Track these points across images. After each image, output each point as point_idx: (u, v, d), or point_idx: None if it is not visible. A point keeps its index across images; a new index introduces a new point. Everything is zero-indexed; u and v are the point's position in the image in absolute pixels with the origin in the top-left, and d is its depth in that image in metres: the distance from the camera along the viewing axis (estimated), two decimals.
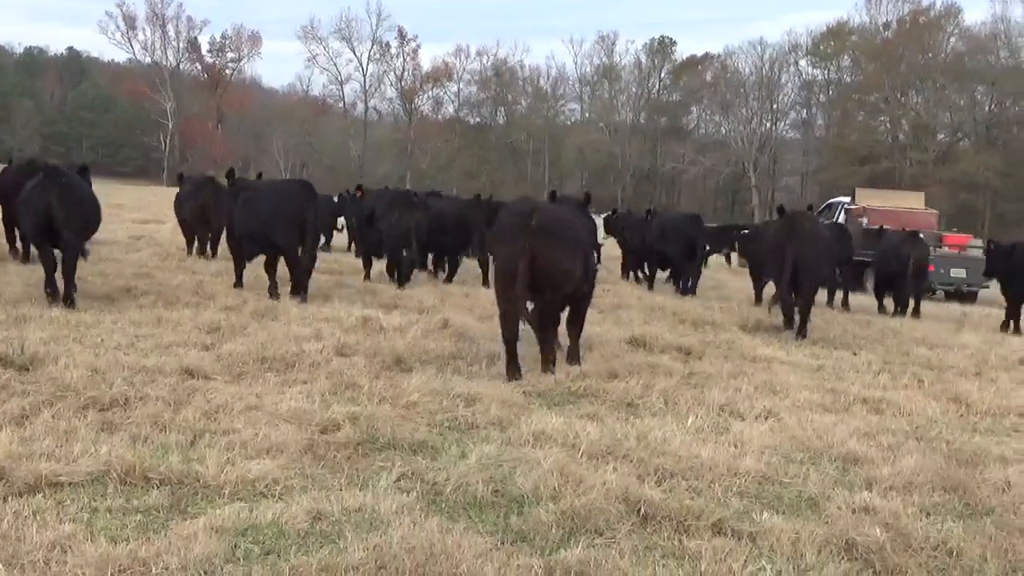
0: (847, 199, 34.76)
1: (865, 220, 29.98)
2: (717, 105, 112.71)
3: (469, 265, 21.15)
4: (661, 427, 8.22)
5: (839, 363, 12.88)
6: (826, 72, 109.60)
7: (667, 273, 23.18)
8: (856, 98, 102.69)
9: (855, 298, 22.96)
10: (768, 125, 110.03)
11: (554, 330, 11.18)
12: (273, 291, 14.80)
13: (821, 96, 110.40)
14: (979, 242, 28.49)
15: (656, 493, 6.46)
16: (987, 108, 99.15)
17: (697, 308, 16.69)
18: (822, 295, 19.39)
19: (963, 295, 29.47)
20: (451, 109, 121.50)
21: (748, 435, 8.25)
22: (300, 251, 14.89)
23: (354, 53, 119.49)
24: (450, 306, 14.99)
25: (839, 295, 21.97)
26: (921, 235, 22.57)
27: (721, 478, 7.02)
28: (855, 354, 13.79)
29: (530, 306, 10.48)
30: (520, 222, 10.15)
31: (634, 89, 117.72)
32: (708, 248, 27.04)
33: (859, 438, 8.54)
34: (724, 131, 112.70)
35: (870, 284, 24.46)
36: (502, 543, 5.58)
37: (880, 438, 8.64)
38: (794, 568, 5.55)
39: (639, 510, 6.16)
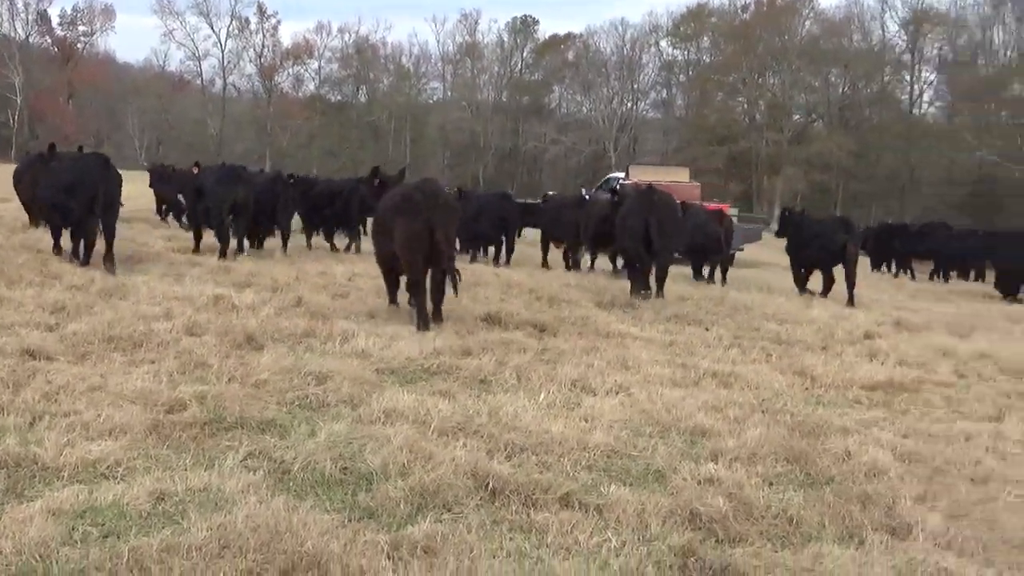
0: (623, 175, 38.09)
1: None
2: (579, 85, 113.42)
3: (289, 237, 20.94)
4: (513, 403, 8.28)
5: (691, 338, 13.08)
6: (686, 53, 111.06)
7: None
8: (715, 79, 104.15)
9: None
10: (629, 105, 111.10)
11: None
12: (76, 257, 15.32)
13: (681, 77, 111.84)
14: (735, 211, 29.91)
15: (505, 468, 6.51)
16: (841, 90, 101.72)
17: (553, 285, 16.78)
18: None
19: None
20: (312, 87, 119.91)
21: (599, 410, 8.36)
22: (94, 222, 15.16)
23: (212, 28, 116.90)
24: (305, 284, 14.84)
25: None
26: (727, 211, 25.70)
27: (571, 452, 7.10)
28: (707, 330, 14.02)
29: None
30: (425, 200, 12.13)
31: (496, 68, 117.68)
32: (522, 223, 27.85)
33: (707, 411, 8.72)
34: (585, 110, 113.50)
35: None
36: (349, 520, 5.58)
37: (728, 411, 8.84)
38: (639, 538, 5.64)
39: (488, 485, 6.20)
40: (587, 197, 26.31)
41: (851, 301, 19.77)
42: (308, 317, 11.82)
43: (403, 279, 13.13)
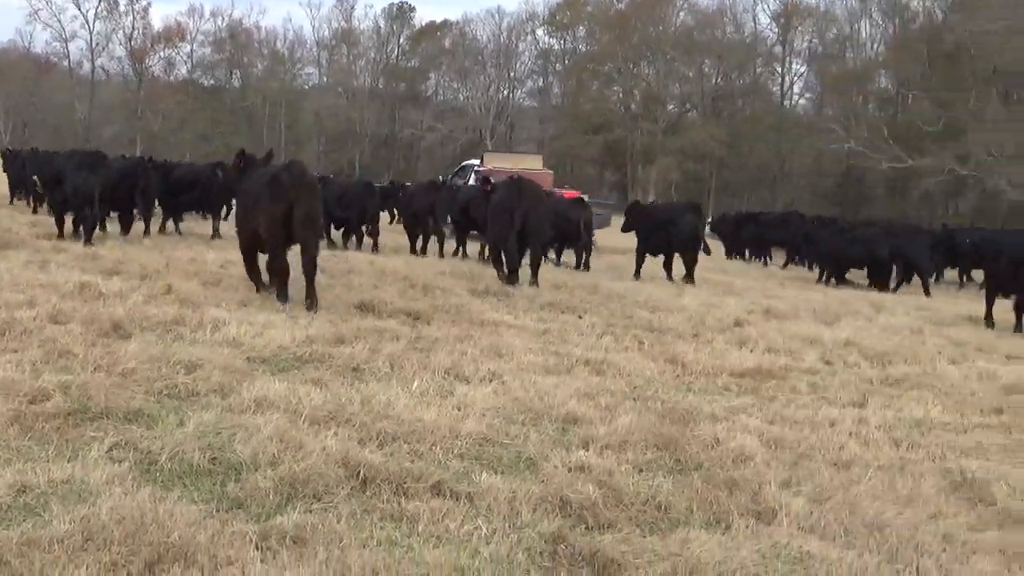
0: (478, 161, 39.79)
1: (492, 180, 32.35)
2: (455, 72, 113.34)
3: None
4: (386, 391, 8.25)
5: (565, 326, 13.18)
6: (562, 42, 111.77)
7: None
8: (591, 68, 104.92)
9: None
10: (505, 93, 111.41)
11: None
12: None
13: (557, 65, 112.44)
14: (586, 197, 30.83)
15: (377, 456, 6.49)
16: (714, 81, 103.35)
17: (428, 273, 16.77)
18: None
19: None
20: (184, 71, 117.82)
21: (472, 398, 8.38)
22: None
23: (79, 9, 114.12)
24: (175, 271, 14.59)
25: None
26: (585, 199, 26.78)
27: (443, 440, 7.10)
28: (580, 318, 14.15)
29: None
30: (291, 182, 12.64)
31: (372, 54, 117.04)
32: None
33: (579, 399, 8.79)
34: (462, 98, 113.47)
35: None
36: (217, 511, 5.51)
37: (600, 398, 8.93)
38: (510, 526, 5.67)
39: (359, 474, 6.17)
40: (442, 183, 27.33)
41: (691, 278, 21.58)
42: (178, 305, 11.60)
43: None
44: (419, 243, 23.95)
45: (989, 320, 18.15)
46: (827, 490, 6.75)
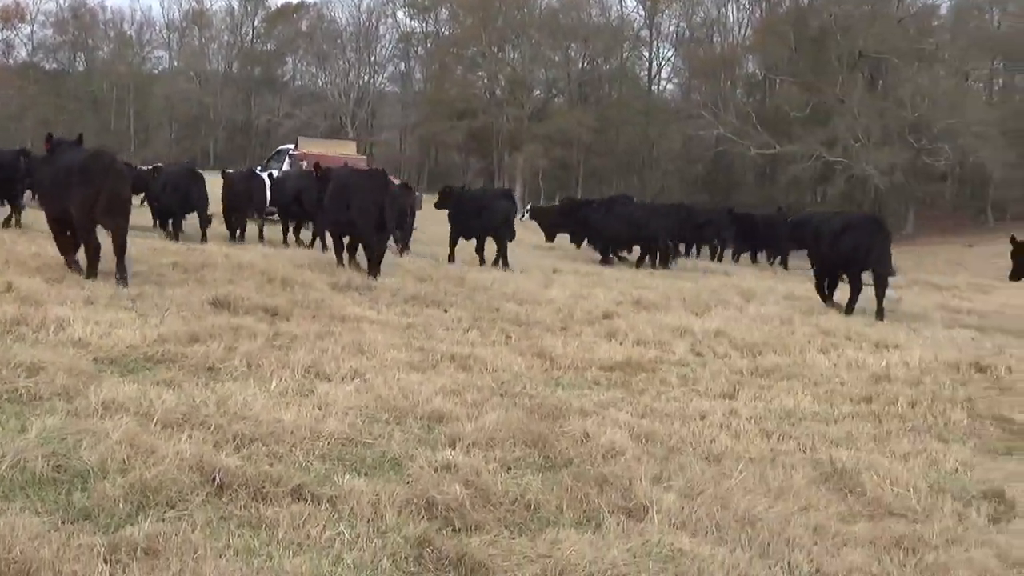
0: (292, 146, 41.60)
1: (305, 164, 33.75)
2: (313, 56, 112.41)
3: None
4: (243, 391, 8.14)
5: (429, 320, 13.18)
6: (424, 24, 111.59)
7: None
8: (454, 52, 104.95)
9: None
10: (366, 78, 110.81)
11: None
12: None
13: (420, 49, 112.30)
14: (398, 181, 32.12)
15: (234, 460, 6.39)
16: (581, 65, 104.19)
17: (287, 266, 16.59)
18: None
19: None
20: (24, 53, 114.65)
21: (333, 396, 8.32)
22: None
23: None
24: (15, 267, 14.17)
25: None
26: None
27: (303, 442, 7.03)
28: (446, 311, 14.14)
29: None
30: (98, 167, 13.75)
31: (226, 37, 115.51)
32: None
33: (445, 395, 8.79)
34: (321, 83, 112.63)
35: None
36: (62, 522, 5.36)
37: (466, 395, 8.94)
38: (374, 530, 5.64)
39: (214, 479, 6.07)
40: (259, 171, 28.95)
41: (505, 263, 23.05)
42: (18, 303, 11.23)
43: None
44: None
45: (829, 301, 19.32)
46: (698, 484, 6.85)
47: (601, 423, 8.26)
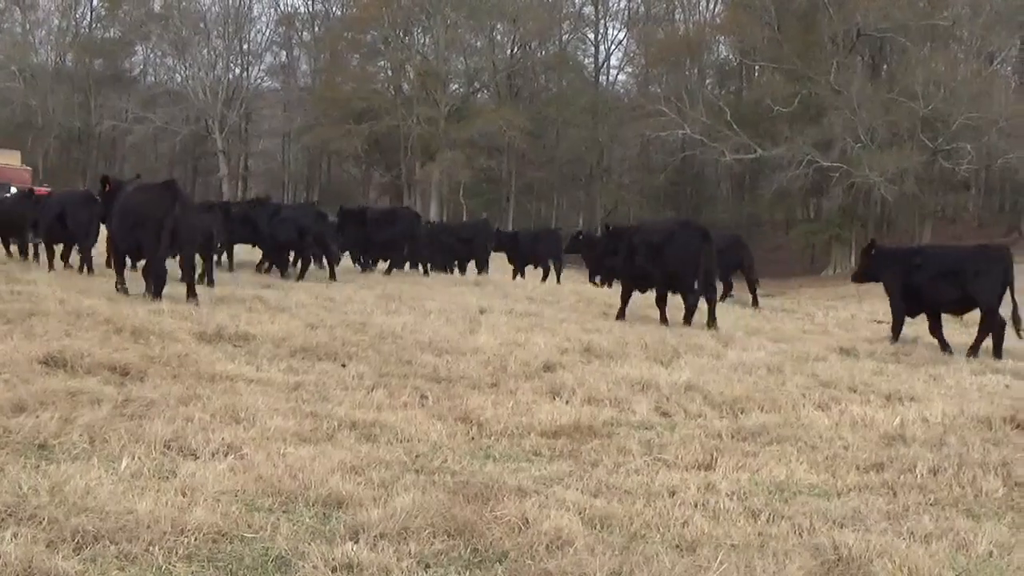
0: None
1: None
2: (169, 44, 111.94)
3: None
4: (84, 475, 8.06)
5: (323, 378, 13.11)
6: (310, 4, 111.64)
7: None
8: (348, 37, 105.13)
9: None
10: (237, 71, 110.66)
11: None
12: None
13: (305, 34, 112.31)
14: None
15: (73, 564, 6.35)
16: (509, 52, 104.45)
17: (140, 313, 16.48)
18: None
19: None
20: None
21: (201, 478, 8.26)
22: None
23: None
24: None
25: None
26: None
27: (163, 538, 6.96)
28: (344, 366, 14.10)
29: None
30: None
31: (56, 22, 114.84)
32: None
33: (344, 474, 8.76)
34: (180, 79, 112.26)
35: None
36: None
37: (371, 472, 8.91)
38: None
39: None
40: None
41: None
42: None
43: None
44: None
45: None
46: None
47: (544, 505, 8.24)
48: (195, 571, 6.60)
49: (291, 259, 30.37)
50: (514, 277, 40.88)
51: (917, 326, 22.05)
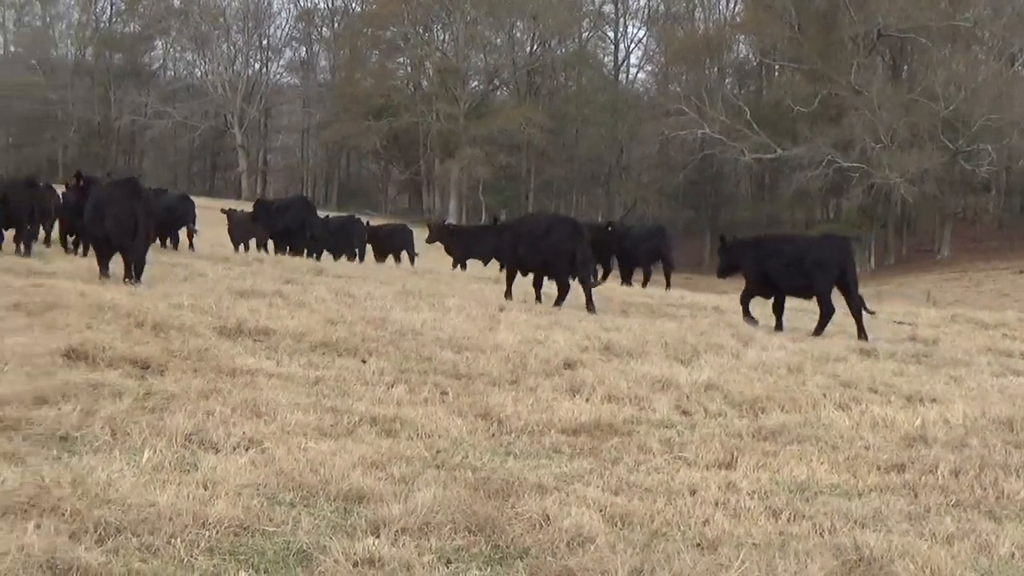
0: None
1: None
2: (189, 39, 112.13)
3: None
4: (106, 467, 8.08)
5: (343, 373, 13.10)
6: (330, 1, 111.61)
7: None
8: (368, 33, 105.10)
9: None
10: (257, 66, 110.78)
11: None
12: None
13: (324, 30, 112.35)
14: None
15: (96, 556, 6.35)
16: (529, 49, 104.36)
17: (161, 307, 16.48)
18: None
19: None
20: None
21: (222, 472, 8.27)
22: None
23: None
24: None
25: None
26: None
27: (185, 531, 6.98)
28: (364, 361, 14.07)
29: None
30: None
31: (77, 15, 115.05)
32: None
33: (365, 469, 8.76)
34: (200, 73, 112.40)
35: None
36: None
37: (392, 468, 8.91)
38: None
39: None
40: None
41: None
42: None
43: None
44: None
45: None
46: None
47: (564, 502, 8.23)
48: (217, 564, 6.61)
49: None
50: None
51: (936, 328, 22.01)
